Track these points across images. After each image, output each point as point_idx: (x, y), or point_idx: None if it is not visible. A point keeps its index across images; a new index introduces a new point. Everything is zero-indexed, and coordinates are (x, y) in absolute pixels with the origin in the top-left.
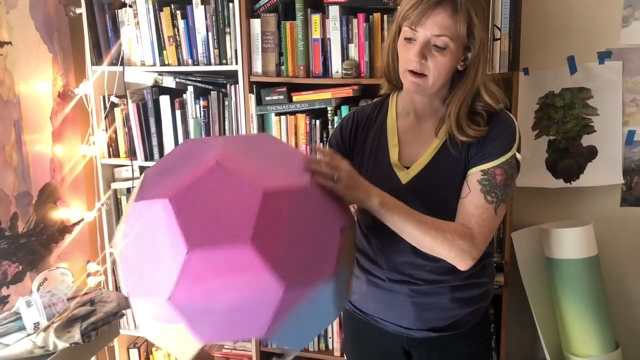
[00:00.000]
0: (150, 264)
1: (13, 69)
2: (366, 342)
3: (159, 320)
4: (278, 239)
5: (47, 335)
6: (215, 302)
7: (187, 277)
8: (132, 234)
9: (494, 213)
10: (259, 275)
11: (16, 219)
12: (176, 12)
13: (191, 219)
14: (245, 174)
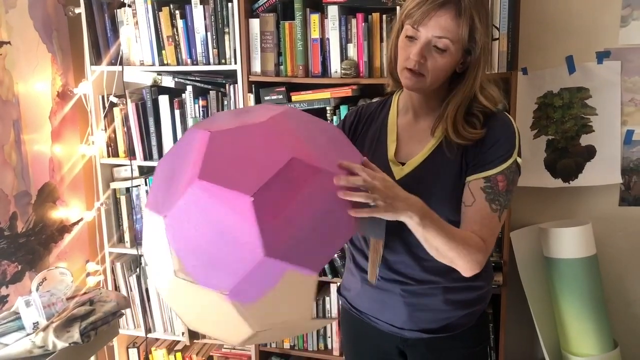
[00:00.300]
0: (171, 182)
1: (12, 69)
2: (362, 340)
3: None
4: (282, 209)
5: (46, 334)
6: (300, 228)
7: (265, 221)
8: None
9: (498, 220)
10: (247, 232)
11: (15, 218)
12: (175, 12)
13: (217, 157)
14: (286, 137)
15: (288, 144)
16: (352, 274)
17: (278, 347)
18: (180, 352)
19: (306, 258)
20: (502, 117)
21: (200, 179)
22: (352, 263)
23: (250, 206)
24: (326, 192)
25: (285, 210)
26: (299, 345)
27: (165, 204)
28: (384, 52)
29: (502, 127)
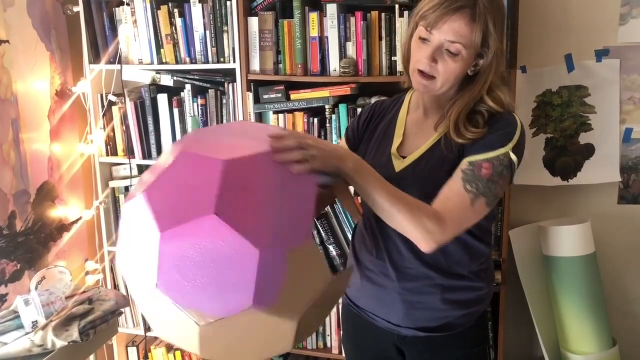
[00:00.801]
0: (135, 255)
1: (10, 67)
2: (361, 336)
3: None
4: (247, 205)
5: (45, 333)
6: (197, 279)
7: (165, 261)
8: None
9: (469, 204)
10: (231, 242)
11: (14, 217)
12: (174, 11)
13: (162, 205)
14: (206, 153)
15: (211, 155)
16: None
17: None
18: (180, 351)
19: (293, 233)
20: (507, 115)
21: (162, 232)
22: (353, 259)
23: (218, 221)
24: (272, 168)
25: (249, 204)
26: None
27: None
28: (382, 51)
29: (503, 122)
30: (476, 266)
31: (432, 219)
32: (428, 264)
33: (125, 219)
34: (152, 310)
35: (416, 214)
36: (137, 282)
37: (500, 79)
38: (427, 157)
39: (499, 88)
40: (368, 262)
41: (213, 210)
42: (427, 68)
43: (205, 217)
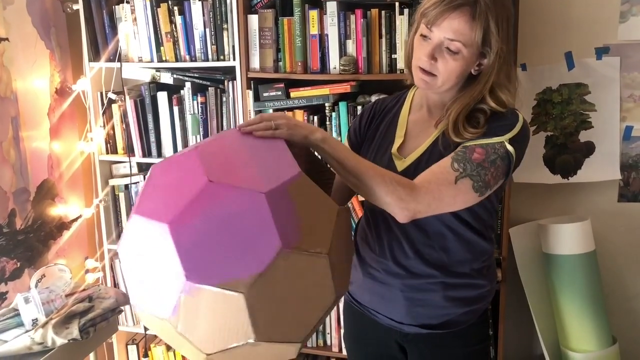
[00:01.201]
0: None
1: (10, 66)
2: (363, 333)
3: None
4: (229, 167)
5: (45, 331)
6: (221, 247)
7: (183, 248)
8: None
9: (453, 181)
10: (235, 198)
11: (14, 215)
12: (173, 8)
13: (154, 208)
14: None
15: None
16: (355, 268)
17: None
18: None
19: (282, 172)
20: (509, 112)
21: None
22: (355, 256)
23: (215, 185)
24: (238, 140)
25: (230, 166)
26: None
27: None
28: (382, 48)
29: (504, 116)
30: (479, 264)
31: (406, 187)
32: (430, 261)
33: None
34: (189, 320)
35: (387, 181)
36: (163, 298)
37: (507, 78)
38: (427, 156)
39: (501, 89)
40: (370, 259)
41: (207, 179)
42: (427, 66)
43: (203, 188)
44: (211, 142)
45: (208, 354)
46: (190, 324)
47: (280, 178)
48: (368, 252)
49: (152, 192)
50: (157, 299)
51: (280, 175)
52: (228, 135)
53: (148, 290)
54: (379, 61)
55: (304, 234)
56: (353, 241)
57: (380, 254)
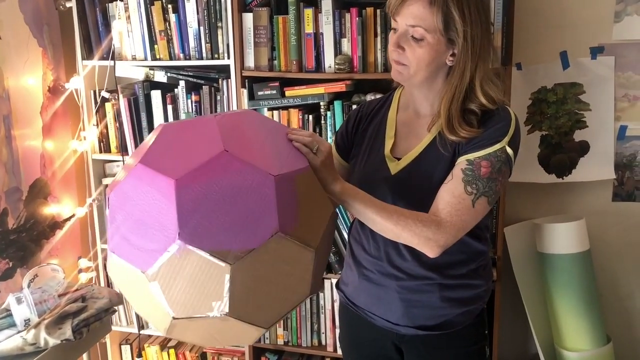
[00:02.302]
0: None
1: (2, 63)
2: (359, 335)
3: None
4: (247, 144)
5: (37, 331)
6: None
7: (184, 207)
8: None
9: (471, 205)
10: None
11: (6, 214)
12: (167, 6)
13: (163, 163)
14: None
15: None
16: (351, 269)
17: (272, 343)
18: (174, 349)
19: (294, 161)
20: (502, 111)
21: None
22: (350, 258)
23: (230, 156)
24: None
25: (248, 143)
26: (293, 341)
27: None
28: (378, 47)
29: (498, 117)
30: (474, 264)
31: (429, 225)
32: (426, 263)
33: (123, 195)
34: (168, 279)
35: (410, 224)
36: (146, 251)
37: (491, 76)
38: (422, 158)
39: (487, 84)
40: (365, 261)
41: (223, 148)
42: (396, 55)
43: (217, 156)
44: (231, 116)
45: (175, 317)
46: (167, 283)
47: (291, 166)
48: (363, 253)
49: (162, 147)
50: (140, 251)
51: (292, 163)
52: (249, 114)
53: (133, 239)
54: (374, 60)
55: (300, 224)
56: (331, 245)
57: (375, 256)
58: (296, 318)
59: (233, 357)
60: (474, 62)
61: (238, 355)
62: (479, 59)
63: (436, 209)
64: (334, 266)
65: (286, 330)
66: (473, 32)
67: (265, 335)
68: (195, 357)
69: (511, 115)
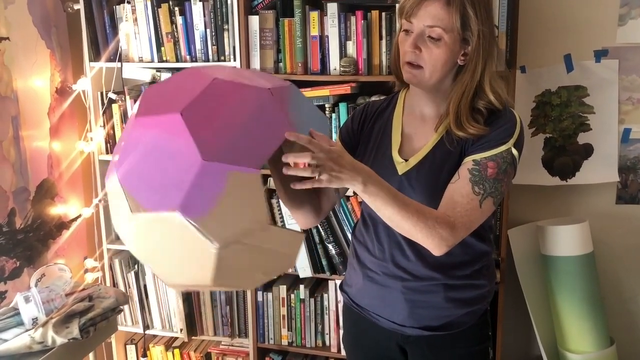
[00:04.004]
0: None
1: (11, 65)
2: (363, 336)
3: None
4: (212, 118)
5: (45, 330)
6: (234, 130)
7: (198, 131)
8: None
9: (479, 205)
10: (182, 143)
11: (14, 214)
12: (174, 9)
13: (147, 103)
14: (209, 70)
15: (207, 73)
16: (355, 270)
17: (276, 343)
18: (178, 349)
19: (244, 157)
20: (507, 112)
21: (137, 117)
22: (354, 259)
23: (180, 121)
24: (255, 101)
25: (216, 119)
26: (297, 341)
27: (117, 148)
28: (383, 50)
29: (503, 118)
30: (478, 265)
31: (445, 226)
32: (431, 263)
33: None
34: (112, 198)
35: (430, 225)
36: (171, 188)
37: (497, 76)
38: (430, 159)
39: (496, 82)
40: (370, 262)
41: (180, 110)
42: (413, 57)
43: (172, 115)
44: (231, 83)
45: (220, 246)
46: (204, 204)
47: (234, 160)
48: (367, 255)
49: (157, 91)
50: (164, 192)
51: (239, 158)
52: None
53: (151, 186)
54: (379, 63)
55: (209, 216)
56: (276, 267)
57: (380, 257)
58: (300, 319)
59: (237, 358)
60: (484, 60)
61: (243, 356)
62: (489, 58)
63: (446, 208)
64: (338, 267)
65: (290, 330)
66: (485, 30)
67: (270, 336)
68: (200, 357)
69: (516, 117)
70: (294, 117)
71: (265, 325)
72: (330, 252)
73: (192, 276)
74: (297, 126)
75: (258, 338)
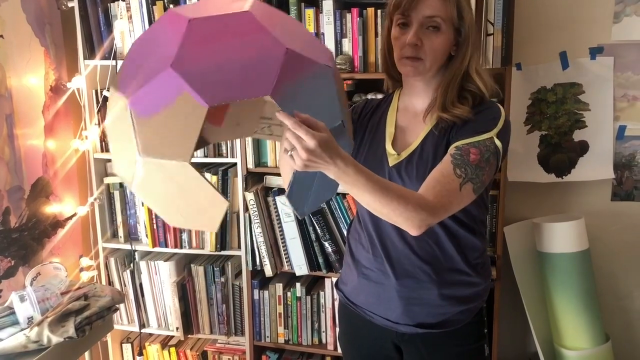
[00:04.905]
0: (150, 55)
1: (5, 63)
2: (358, 334)
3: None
4: (274, 17)
5: (41, 329)
6: (219, 62)
7: (189, 44)
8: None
9: (458, 188)
10: (261, 35)
11: (8, 213)
12: (169, 6)
13: (192, 44)
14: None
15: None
16: (350, 268)
17: (272, 341)
18: (174, 348)
19: (207, 89)
20: (492, 104)
21: (192, 20)
22: (349, 257)
23: (185, 26)
24: (263, 50)
25: (215, 43)
26: (293, 339)
27: (132, 85)
28: (378, 47)
29: (488, 110)
30: (472, 260)
31: (422, 206)
32: (424, 258)
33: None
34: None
35: (410, 209)
36: (144, 70)
37: (479, 59)
38: (419, 151)
39: (481, 70)
40: (365, 260)
41: (192, 18)
42: (413, 51)
43: (184, 18)
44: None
45: (143, 156)
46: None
47: (200, 87)
48: (362, 252)
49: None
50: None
51: (207, 89)
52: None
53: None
54: (375, 60)
55: (147, 123)
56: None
57: (374, 254)
58: (297, 317)
59: (234, 356)
60: (473, 49)
61: (239, 354)
62: (476, 47)
63: (427, 187)
64: (335, 265)
65: (287, 329)
66: (473, 20)
67: (266, 334)
68: (196, 355)
69: (501, 110)
70: (290, 89)
71: (262, 323)
72: (327, 250)
73: (122, 174)
74: (288, 99)
75: (254, 336)
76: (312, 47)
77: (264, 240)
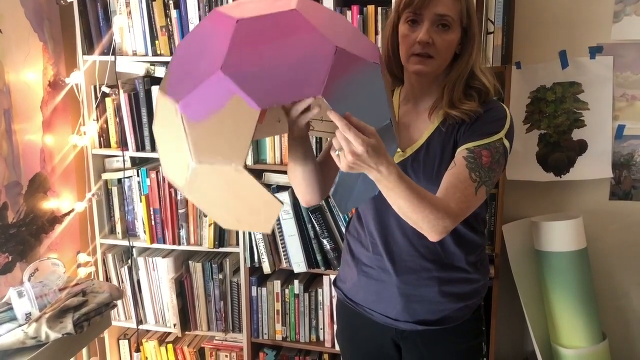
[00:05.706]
0: (199, 57)
1: (3, 58)
2: (357, 332)
3: (211, 110)
4: (321, 13)
5: (39, 325)
6: (268, 63)
7: (237, 45)
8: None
9: (474, 192)
10: (310, 34)
11: (6, 209)
12: (169, 2)
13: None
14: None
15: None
16: (349, 266)
17: (270, 338)
18: (172, 344)
19: (258, 91)
20: (498, 104)
21: (240, 21)
22: (348, 255)
23: (232, 27)
24: (312, 49)
25: (263, 44)
26: (291, 336)
27: (182, 89)
28: (379, 45)
29: (494, 110)
30: (472, 257)
31: (448, 214)
32: (425, 255)
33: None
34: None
35: (439, 215)
36: (193, 76)
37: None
38: (425, 149)
39: (484, 68)
40: (364, 257)
41: (239, 18)
42: (425, 48)
43: (231, 19)
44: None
45: (196, 162)
46: (200, 111)
47: (251, 90)
48: (362, 250)
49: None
50: (184, 81)
51: (258, 92)
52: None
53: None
54: None
55: (199, 126)
56: None
57: (374, 252)
58: (295, 314)
59: (231, 352)
60: (477, 47)
61: (236, 351)
62: (479, 45)
63: (446, 193)
64: (333, 262)
65: (284, 326)
66: (477, 19)
67: (264, 331)
68: (194, 352)
69: (506, 110)
70: (340, 88)
71: (259, 320)
72: (325, 248)
73: (172, 177)
74: (338, 99)
75: (252, 333)
76: (359, 43)
77: (262, 237)
